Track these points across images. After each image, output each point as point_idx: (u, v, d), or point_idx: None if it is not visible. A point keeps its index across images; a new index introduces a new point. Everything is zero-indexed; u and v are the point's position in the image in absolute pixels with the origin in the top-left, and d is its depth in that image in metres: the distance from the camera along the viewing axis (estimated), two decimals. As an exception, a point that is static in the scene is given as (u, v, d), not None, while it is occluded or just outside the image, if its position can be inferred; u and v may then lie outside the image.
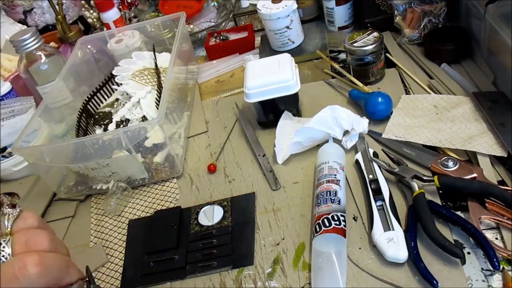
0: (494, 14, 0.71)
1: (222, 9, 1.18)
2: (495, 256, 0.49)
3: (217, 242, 0.63)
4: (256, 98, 0.75)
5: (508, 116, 0.66)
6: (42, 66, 0.94)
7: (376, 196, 0.60)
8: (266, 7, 0.96)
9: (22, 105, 0.94)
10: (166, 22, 1.02)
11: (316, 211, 0.59)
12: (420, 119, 0.72)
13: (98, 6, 1.14)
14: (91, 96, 0.91)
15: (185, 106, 0.89)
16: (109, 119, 0.86)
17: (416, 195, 0.57)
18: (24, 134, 0.74)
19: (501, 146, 0.62)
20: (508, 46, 0.66)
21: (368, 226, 0.58)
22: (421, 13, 0.88)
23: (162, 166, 0.76)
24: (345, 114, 0.70)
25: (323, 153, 0.67)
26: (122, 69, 0.89)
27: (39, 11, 1.32)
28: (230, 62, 1.03)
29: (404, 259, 0.53)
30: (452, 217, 0.55)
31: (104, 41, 1.01)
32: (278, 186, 0.69)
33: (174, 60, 0.82)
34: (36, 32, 0.91)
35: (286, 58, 0.78)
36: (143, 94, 0.84)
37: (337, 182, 0.61)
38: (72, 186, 0.79)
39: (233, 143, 0.81)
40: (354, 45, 0.80)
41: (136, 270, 0.63)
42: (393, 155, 0.67)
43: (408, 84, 0.81)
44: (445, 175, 0.60)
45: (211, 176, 0.75)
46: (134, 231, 0.69)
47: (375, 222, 0.56)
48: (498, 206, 0.56)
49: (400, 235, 0.54)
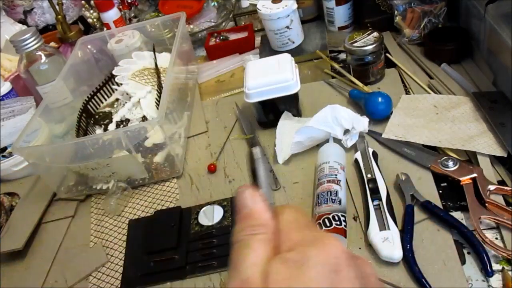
0: (494, 14, 0.71)
1: (222, 9, 1.18)
2: (489, 263, 0.50)
3: (217, 242, 0.63)
4: (256, 98, 0.75)
5: (508, 116, 0.66)
6: (42, 66, 0.94)
7: (373, 195, 0.60)
8: (266, 7, 0.96)
9: (22, 105, 0.94)
10: (166, 22, 1.02)
11: (316, 211, 0.59)
12: (420, 119, 0.72)
13: (98, 6, 1.14)
14: (91, 96, 0.91)
15: (185, 106, 0.89)
16: (109, 119, 0.86)
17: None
18: (24, 134, 0.74)
19: (501, 146, 0.62)
20: (508, 46, 0.66)
21: (365, 225, 0.58)
22: (421, 13, 0.88)
23: (162, 166, 0.76)
24: (346, 113, 0.70)
25: (323, 153, 0.67)
26: (122, 69, 0.89)
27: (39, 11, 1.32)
28: (230, 62, 1.03)
29: (399, 258, 0.53)
30: (449, 220, 0.55)
31: (104, 41, 1.01)
32: (278, 186, 0.69)
33: (174, 60, 0.82)
34: (36, 32, 0.91)
35: (286, 58, 0.78)
36: (143, 94, 0.84)
37: (338, 182, 0.61)
38: (72, 186, 0.79)
39: (233, 143, 0.81)
40: (354, 45, 0.80)
41: (136, 270, 0.63)
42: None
43: (408, 84, 0.81)
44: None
45: (211, 176, 0.75)
46: (134, 231, 0.69)
47: (371, 221, 0.57)
48: (498, 206, 0.56)
49: (396, 235, 0.54)
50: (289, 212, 0.30)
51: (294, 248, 0.27)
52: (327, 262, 0.25)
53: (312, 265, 0.25)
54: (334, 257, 0.26)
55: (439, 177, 0.63)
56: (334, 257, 0.26)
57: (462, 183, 0.59)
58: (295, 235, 0.28)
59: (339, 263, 0.26)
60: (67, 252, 0.70)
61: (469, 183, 0.59)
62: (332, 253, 0.26)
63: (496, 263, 0.51)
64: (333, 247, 0.26)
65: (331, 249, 0.26)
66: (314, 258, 0.25)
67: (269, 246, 0.27)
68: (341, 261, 0.26)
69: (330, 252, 0.26)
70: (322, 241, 0.27)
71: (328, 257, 0.26)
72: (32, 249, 0.72)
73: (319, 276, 0.25)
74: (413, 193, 0.60)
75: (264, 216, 0.29)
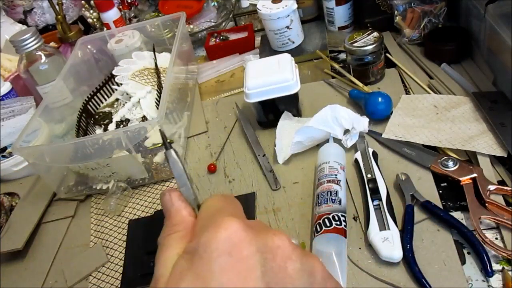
0: (494, 14, 0.71)
1: (222, 9, 1.18)
2: (489, 263, 0.50)
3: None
4: (256, 98, 0.75)
5: (508, 116, 0.66)
6: (42, 66, 0.94)
7: (373, 195, 0.60)
8: (266, 7, 0.96)
9: (22, 105, 0.94)
10: (166, 22, 1.02)
11: (316, 211, 0.59)
12: (420, 119, 0.72)
13: (98, 6, 1.14)
14: (91, 96, 0.91)
15: (185, 106, 0.89)
16: (109, 119, 0.86)
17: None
18: (24, 134, 0.74)
19: (501, 146, 0.62)
20: (508, 46, 0.66)
21: (365, 225, 0.58)
22: (421, 13, 0.88)
23: (162, 166, 0.76)
24: (346, 113, 0.70)
25: (323, 153, 0.67)
26: (122, 69, 0.89)
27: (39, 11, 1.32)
28: (230, 62, 1.03)
29: (399, 258, 0.53)
30: (449, 220, 0.55)
31: (104, 41, 1.01)
32: (278, 186, 0.69)
33: (174, 60, 0.82)
34: (36, 32, 0.91)
35: (286, 58, 0.78)
36: (143, 94, 0.84)
37: (338, 182, 0.61)
38: (72, 186, 0.79)
39: (233, 143, 0.81)
40: (354, 45, 0.80)
41: (136, 270, 0.63)
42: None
43: (408, 84, 0.81)
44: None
45: (211, 176, 0.75)
46: (134, 231, 0.69)
47: (371, 221, 0.57)
48: (498, 206, 0.56)
49: (396, 235, 0.54)
50: (208, 201, 0.31)
51: (193, 237, 0.27)
52: (219, 246, 0.25)
53: (203, 251, 0.25)
54: (226, 238, 0.25)
55: (439, 177, 0.63)
56: (227, 239, 0.25)
57: (462, 183, 0.59)
58: (199, 224, 0.29)
59: (234, 244, 0.25)
60: (67, 252, 0.70)
61: (469, 183, 0.59)
62: (223, 236, 0.25)
63: (496, 263, 0.51)
64: (226, 230, 0.25)
65: (223, 232, 0.25)
66: (205, 244, 0.25)
67: (183, 242, 0.28)
68: (237, 242, 0.25)
69: (222, 235, 0.25)
70: (215, 225, 0.26)
71: (219, 240, 0.25)
72: (32, 249, 0.72)
73: (212, 262, 0.24)
74: (413, 193, 0.60)
75: (181, 214, 0.30)
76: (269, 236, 0.26)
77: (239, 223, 0.26)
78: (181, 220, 0.30)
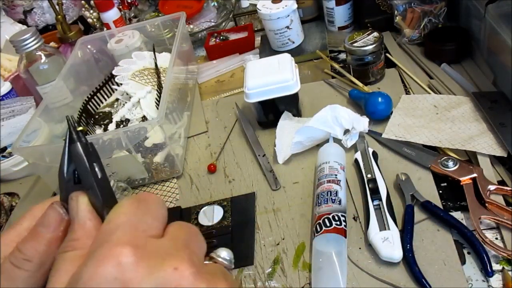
0: (494, 14, 0.71)
1: (222, 9, 1.18)
2: (489, 263, 0.50)
3: (217, 242, 0.63)
4: (256, 98, 0.75)
5: (508, 116, 0.66)
6: (42, 66, 0.94)
7: (373, 195, 0.60)
8: (266, 7, 0.96)
9: (22, 105, 0.94)
10: (166, 22, 1.02)
11: (316, 211, 0.59)
12: (420, 119, 0.72)
13: (98, 6, 1.14)
14: (91, 96, 0.91)
15: (185, 106, 0.89)
16: (109, 119, 0.86)
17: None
18: (24, 134, 0.74)
19: (501, 146, 0.62)
20: (508, 46, 0.66)
21: (365, 225, 0.58)
22: (421, 13, 0.88)
23: (162, 166, 0.76)
24: (346, 113, 0.70)
25: (323, 153, 0.67)
26: (122, 69, 0.88)
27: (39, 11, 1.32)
28: (230, 62, 1.03)
29: (399, 258, 0.53)
30: (449, 220, 0.55)
31: (104, 41, 1.01)
32: (278, 186, 0.69)
33: (174, 60, 0.82)
34: (36, 32, 0.91)
35: (286, 58, 0.78)
36: (143, 94, 0.84)
37: (338, 182, 0.61)
38: (72, 186, 0.79)
39: (233, 143, 0.81)
40: (354, 45, 0.80)
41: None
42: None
43: (408, 84, 0.81)
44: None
45: (211, 176, 0.75)
46: (134, 231, 0.69)
47: (371, 221, 0.57)
48: (498, 206, 0.56)
49: (396, 235, 0.54)
50: (116, 209, 0.26)
51: (81, 264, 0.23)
52: (95, 282, 0.22)
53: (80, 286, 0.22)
54: (112, 278, 0.22)
55: (439, 177, 0.63)
56: (112, 279, 0.22)
57: (462, 183, 0.59)
58: (94, 243, 0.25)
59: (123, 282, 0.22)
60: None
61: (469, 183, 0.59)
62: (108, 273, 0.22)
63: (496, 263, 0.51)
64: (113, 265, 0.22)
65: (109, 268, 0.22)
66: (85, 282, 0.22)
67: (78, 263, 0.24)
68: (125, 281, 0.22)
69: (107, 271, 0.22)
70: (102, 256, 0.22)
71: (102, 278, 0.22)
72: (32, 249, 0.72)
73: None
74: (413, 193, 0.60)
75: (84, 227, 0.26)
76: (167, 269, 0.23)
77: (131, 255, 0.22)
78: (83, 234, 0.26)
